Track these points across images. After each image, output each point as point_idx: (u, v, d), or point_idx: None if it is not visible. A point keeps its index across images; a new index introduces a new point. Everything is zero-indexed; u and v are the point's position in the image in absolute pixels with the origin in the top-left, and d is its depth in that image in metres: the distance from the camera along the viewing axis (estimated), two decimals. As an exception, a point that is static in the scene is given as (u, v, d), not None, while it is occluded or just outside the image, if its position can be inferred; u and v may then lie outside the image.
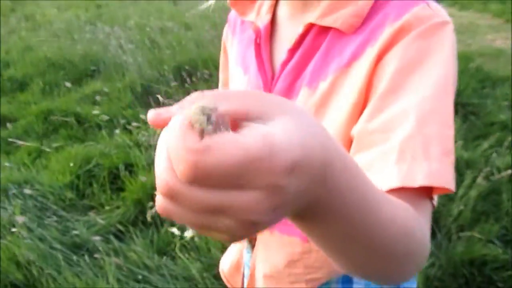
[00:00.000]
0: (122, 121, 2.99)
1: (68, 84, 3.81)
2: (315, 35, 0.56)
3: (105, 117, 3.07)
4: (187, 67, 3.69)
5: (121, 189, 2.34)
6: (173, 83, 3.32)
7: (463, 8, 8.35)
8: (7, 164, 2.51)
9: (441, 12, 0.50)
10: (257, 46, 0.62)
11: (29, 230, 1.91)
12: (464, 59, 4.32)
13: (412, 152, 0.44)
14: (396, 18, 0.50)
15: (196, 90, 1.97)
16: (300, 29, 0.56)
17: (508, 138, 2.59)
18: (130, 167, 2.46)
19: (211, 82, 3.39)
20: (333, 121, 0.53)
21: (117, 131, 2.88)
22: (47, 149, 2.82)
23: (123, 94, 3.56)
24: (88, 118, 3.24)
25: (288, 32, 0.60)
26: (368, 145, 0.48)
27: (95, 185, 2.37)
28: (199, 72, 3.59)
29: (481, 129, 3.01)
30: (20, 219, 1.87)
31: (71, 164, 2.48)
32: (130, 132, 2.86)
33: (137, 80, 3.59)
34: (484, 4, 8.32)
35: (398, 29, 0.49)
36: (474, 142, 2.77)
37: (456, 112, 2.88)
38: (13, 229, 1.87)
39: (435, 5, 0.51)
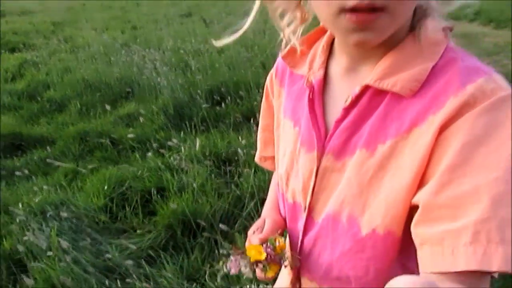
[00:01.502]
0: (155, 144, 3.05)
1: (104, 106, 3.94)
2: (371, 96, 0.56)
3: (138, 140, 3.14)
4: (219, 90, 3.75)
5: (153, 213, 2.38)
6: (205, 105, 3.36)
7: (498, 27, 8.17)
8: (45, 186, 2.59)
9: (504, 85, 0.49)
10: (310, 101, 0.63)
11: (65, 252, 1.96)
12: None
13: (487, 235, 0.43)
14: (460, 88, 0.50)
15: (228, 113, 2.01)
16: (356, 90, 0.57)
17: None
18: (161, 191, 2.50)
19: (241, 105, 3.42)
20: (393, 186, 0.53)
21: (150, 153, 2.94)
22: (83, 170, 2.90)
23: (156, 116, 3.64)
24: (122, 140, 3.32)
25: (342, 90, 0.61)
26: (436, 218, 0.47)
27: (127, 208, 2.41)
28: (231, 95, 3.64)
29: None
30: (58, 242, 1.92)
31: (105, 187, 2.54)
32: (162, 155, 2.91)
33: (170, 102, 3.66)
34: (521, 23, 8.11)
35: (463, 102, 0.49)
36: None
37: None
38: (49, 253, 1.92)
39: (497, 77, 0.50)
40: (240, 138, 2.83)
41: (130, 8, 15.15)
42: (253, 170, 2.37)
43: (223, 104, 3.56)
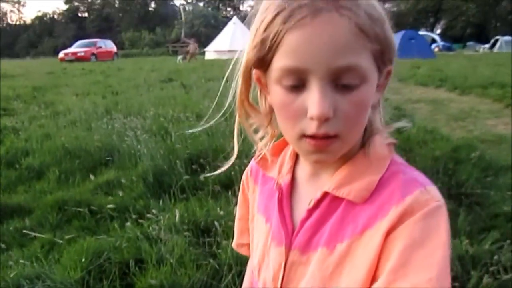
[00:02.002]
0: (134, 213, 3.08)
1: (83, 174, 3.97)
2: (330, 201, 0.67)
3: (117, 209, 3.16)
4: (198, 159, 3.84)
5: (131, 286, 2.37)
6: (185, 177, 3.43)
7: (463, 93, 8.68)
8: (21, 260, 2.56)
9: (436, 195, 0.62)
10: (279, 202, 0.74)
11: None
12: (466, 148, 4.46)
13: None
14: (400, 200, 0.61)
15: (207, 182, 2.09)
16: (318, 194, 0.68)
17: (512, 232, 2.61)
18: (140, 262, 2.51)
19: (220, 174, 3.50)
20: (349, 281, 0.62)
21: (128, 223, 2.95)
22: (60, 241, 2.88)
23: (135, 184, 3.68)
24: (100, 209, 3.33)
25: (306, 193, 0.72)
26: None
27: (105, 282, 2.40)
28: (210, 164, 3.73)
29: (486, 221, 3.04)
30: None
31: (83, 259, 2.53)
32: (141, 224, 2.93)
33: (149, 170, 3.73)
34: (484, 89, 8.64)
35: (403, 211, 0.60)
36: (479, 235, 2.80)
37: (460, 203, 2.93)
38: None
39: (431, 188, 0.62)
40: (218, 208, 2.90)
41: (111, 72, 15.52)
42: (231, 241, 2.41)
43: (203, 171, 3.64)
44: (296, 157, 0.77)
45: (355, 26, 0.56)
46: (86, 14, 79.21)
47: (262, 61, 0.63)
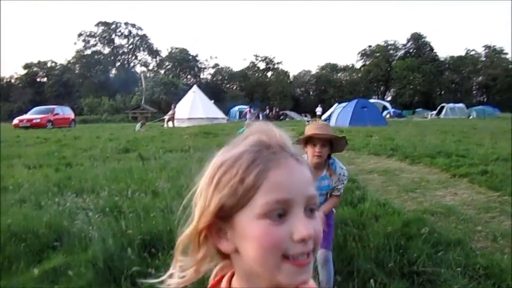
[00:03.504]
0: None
1: (28, 259, 3.75)
2: None
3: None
4: (152, 241, 3.74)
5: None
6: (136, 267, 3.31)
7: (413, 163, 9.08)
8: None
9: None
10: None
11: None
12: (417, 222, 4.59)
13: None
14: None
15: (161, 266, 2.02)
16: None
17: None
18: None
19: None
20: None
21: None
22: None
23: (84, 270, 3.51)
24: (45, 300, 3.14)
25: None
26: None
27: None
28: (165, 247, 3.64)
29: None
30: None
31: None
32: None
33: (100, 255, 3.58)
34: (432, 158, 9.08)
35: None
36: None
37: (412, 281, 2.98)
38: None
39: None
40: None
41: (67, 141, 15.22)
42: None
43: (156, 256, 3.54)
44: None
45: (308, 168, 0.75)
46: (45, 79, 78.71)
47: (232, 207, 0.71)
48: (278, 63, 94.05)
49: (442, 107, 47.57)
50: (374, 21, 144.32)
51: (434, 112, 49.26)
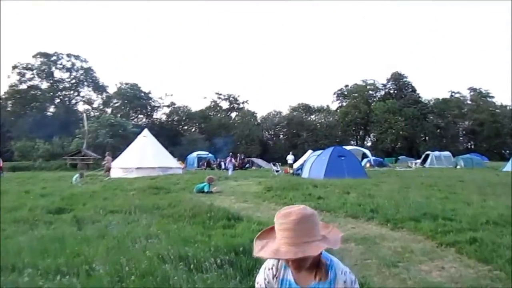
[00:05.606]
0: None
1: None
2: None
3: None
4: None
5: None
6: None
7: (395, 228, 9.12)
8: None
9: None
10: None
11: None
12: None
13: None
14: None
15: None
16: None
17: None
18: None
19: None
20: None
21: None
22: None
23: None
24: None
25: None
26: None
27: None
28: None
29: None
30: None
31: None
32: None
33: None
34: (417, 222, 9.17)
35: None
36: None
37: None
38: None
39: None
40: None
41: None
42: None
43: None
44: None
45: None
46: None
47: None
48: (243, 102, 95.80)
49: (427, 155, 49.15)
50: (351, 58, 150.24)
51: (419, 160, 50.84)
